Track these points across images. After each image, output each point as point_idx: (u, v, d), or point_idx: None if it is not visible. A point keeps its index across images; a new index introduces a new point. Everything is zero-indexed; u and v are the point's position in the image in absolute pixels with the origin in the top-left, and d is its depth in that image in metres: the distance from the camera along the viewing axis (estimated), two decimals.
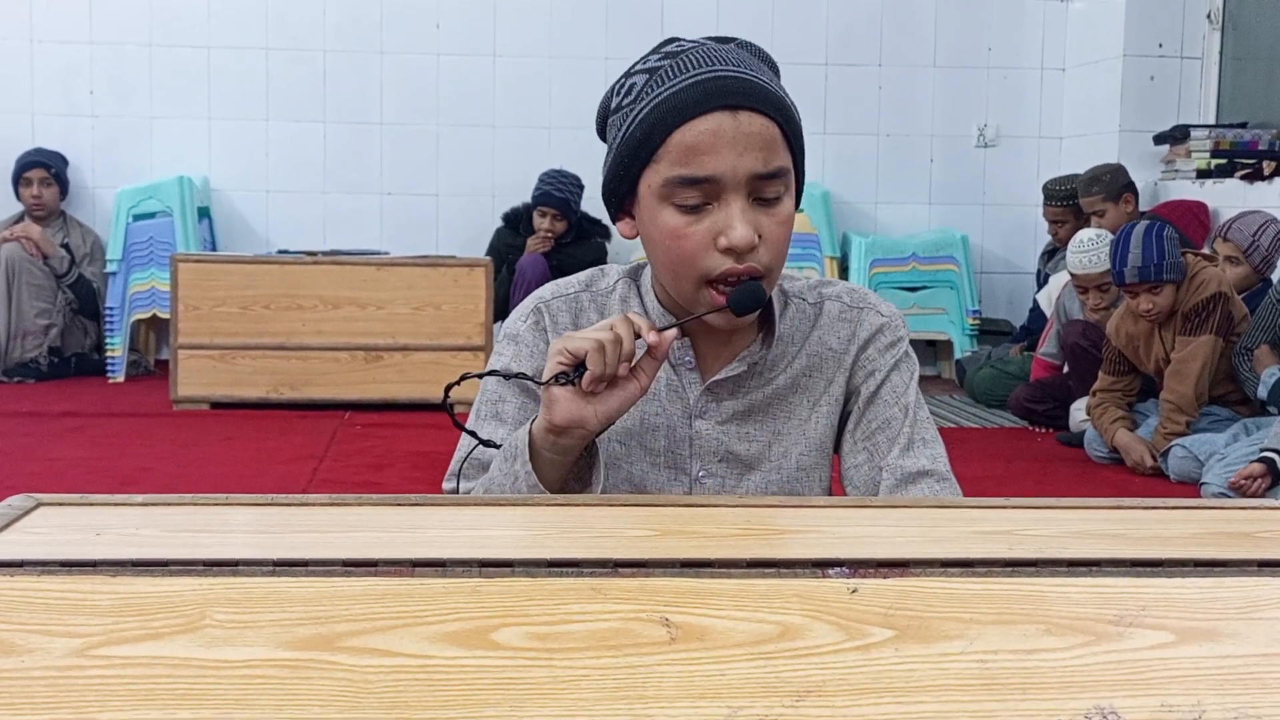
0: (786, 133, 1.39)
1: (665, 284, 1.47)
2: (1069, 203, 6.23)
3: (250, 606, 0.83)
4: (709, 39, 1.44)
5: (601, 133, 1.50)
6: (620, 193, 1.45)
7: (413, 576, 0.86)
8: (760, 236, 1.37)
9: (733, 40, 1.45)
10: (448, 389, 1.42)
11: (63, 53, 6.90)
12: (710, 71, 1.36)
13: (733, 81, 1.36)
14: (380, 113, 7.08)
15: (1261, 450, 4.13)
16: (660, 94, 1.37)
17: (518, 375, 1.45)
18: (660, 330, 1.37)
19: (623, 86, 1.43)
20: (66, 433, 5.08)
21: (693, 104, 1.35)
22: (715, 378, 1.50)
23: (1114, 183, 6.01)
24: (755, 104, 1.36)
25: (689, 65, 1.37)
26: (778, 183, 1.38)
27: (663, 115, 1.36)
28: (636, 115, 1.39)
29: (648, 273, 1.54)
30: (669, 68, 1.38)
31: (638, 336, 1.35)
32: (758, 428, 1.52)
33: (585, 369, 1.33)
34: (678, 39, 1.45)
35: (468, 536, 0.99)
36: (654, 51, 1.44)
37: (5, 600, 0.83)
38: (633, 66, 1.44)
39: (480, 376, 1.48)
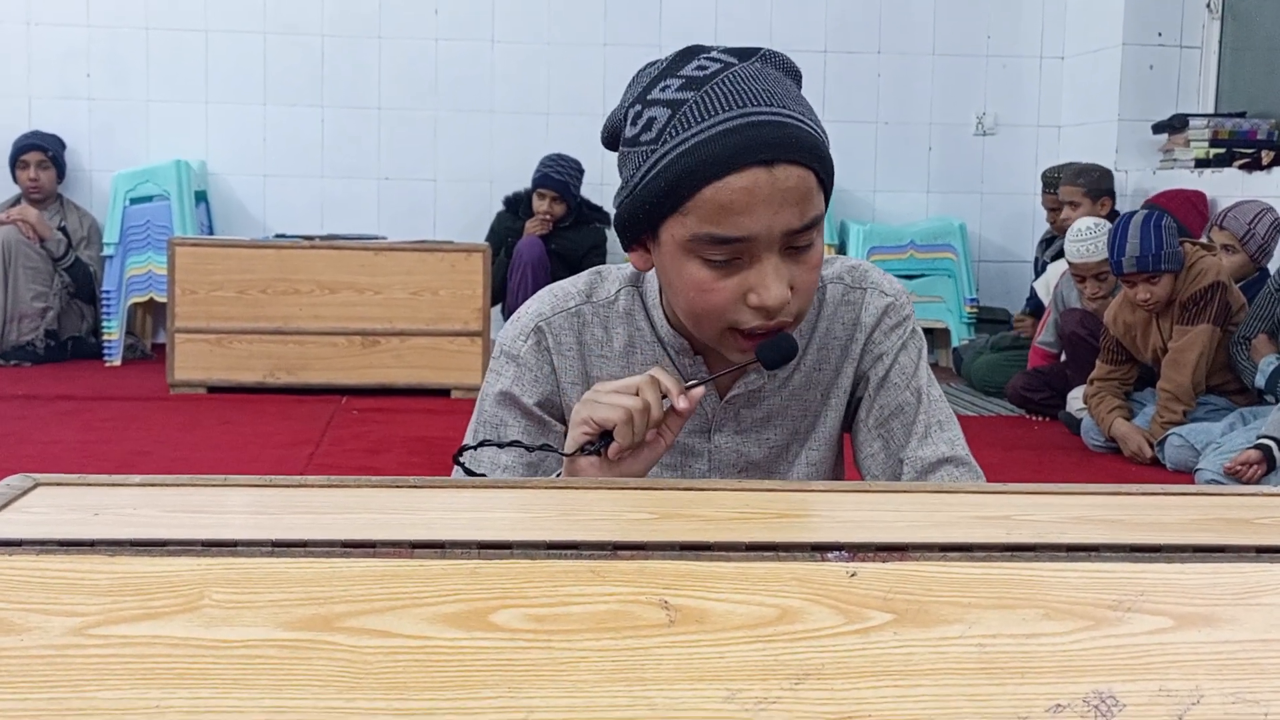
0: (821, 175, 1.29)
1: (684, 323, 1.40)
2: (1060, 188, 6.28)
3: (249, 587, 0.83)
4: (732, 54, 1.31)
5: (608, 146, 1.40)
6: (637, 231, 1.35)
7: (411, 558, 0.86)
8: (792, 289, 1.30)
9: (756, 53, 1.31)
10: (460, 451, 1.39)
11: (60, 36, 6.89)
12: (742, 115, 1.24)
13: (768, 130, 1.24)
14: (378, 97, 7.07)
15: (1259, 437, 4.14)
16: (688, 139, 1.25)
17: (541, 448, 1.39)
18: (687, 389, 1.31)
19: (640, 116, 1.30)
20: (63, 416, 5.08)
21: (725, 159, 1.23)
22: (734, 393, 1.47)
23: (1098, 183, 6.07)
24: (792, 155, 1.25)
25: (717, 104, 1.25)
26: (811, 232, 1.30)
27: (691, 168, 1.25)
28: (660, 160, 1.27)
29: (652, 284, 1.46)
30: (694, 105, 1.26)
31: (663, 396, 1.30)
32: (776, 432, 1.50)
33: (610, 437, 1.28)
34: (698, 54, 1.32)
35: (467, 518, 0.99)
36: (672, 73, 1.30)
37: (3, 579, 0.82)
38: (649, 88, 1.31)
39: (501, 446, 1.41)
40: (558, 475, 1.36)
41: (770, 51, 1.33)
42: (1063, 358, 5.59)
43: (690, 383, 1.34)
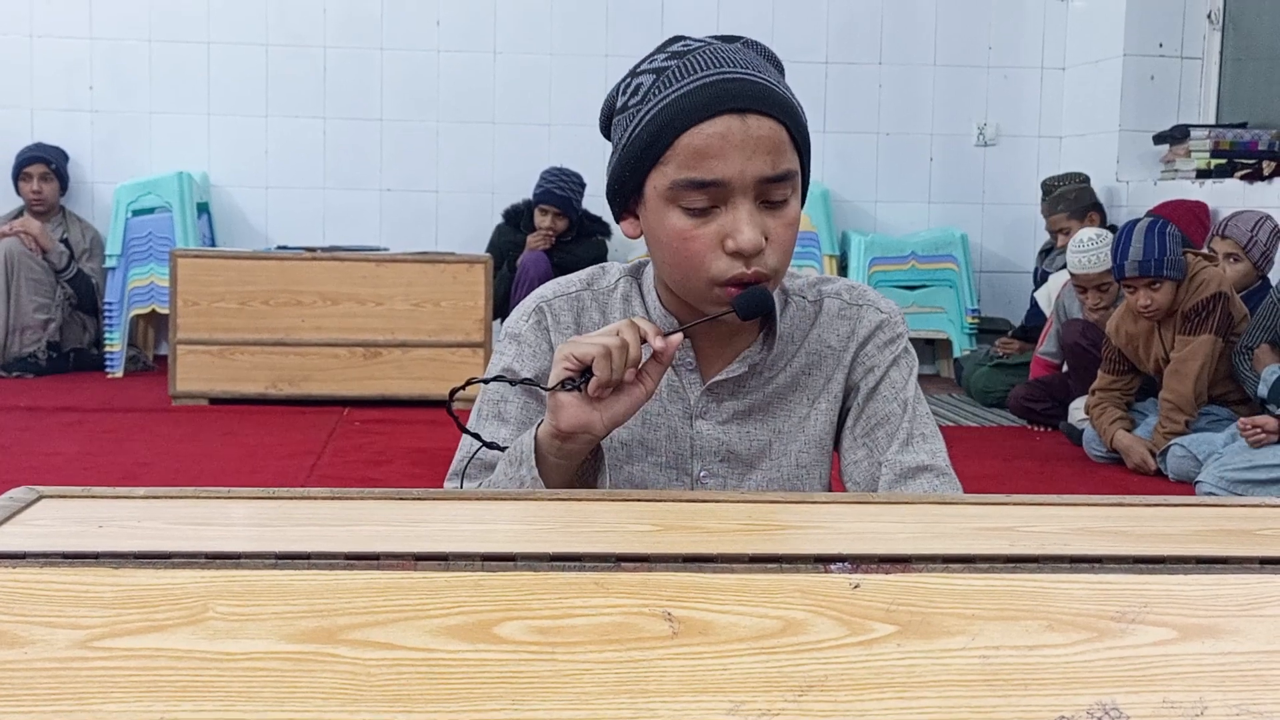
0: (794, 135, 1.38)
1: (670, 285, 1.46)
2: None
3: (252, 599, 0.83)
4: (715, 38, 1.43)
5: (605, 131, 1.49)
6: (625, 193, 1.43)
7: (415, 570, 0.86)
8: (767, 239, 1.37)
9: (739, 39, 1.43)
10: (452, 392, 1.42)
11: (63, 48, 6.90)
12: (718, 73, 1.35)
13: (741, 84, 1.35)
14: (380, 109, 7.08)
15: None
16: (668, 96, 1.36)
17: (524, 381, 1.45)
18: (666, 335, 1.36)
19: (629, 86, 1.42)
20: (65, 428, 5.08)
21: (701, 107, 1.34)
22: (716, 378, 1.50)
23: (1079, 202, 6.11)
24: (764, 107, 1.35)
25: (696, 66, 1.36)
26: (785, 185, 1.37)
27: (670, 117, 1.35)
28: (643, 116, 1.37)
29: (649, 272, 1.53)
30: (676, 68, 1.37)
31: (644, 341, 1.35)
32: (758, 426, 1.52)
33: (591, 374, 1.32)
34: (684, 38, 1.44)
35: (470, 530, 0.99)
36: (660, 51, 1.42)
37: (8, 592, 0.83)
38: (638, 65, 1.43)
39: (486, 382, 1.47)
40: (542, 423, 1.39)
41: (752, 40, 1.45)
42: (1064, 368, 5.59)
43: (669, 331, 1.40)
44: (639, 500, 1.12)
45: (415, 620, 0.82)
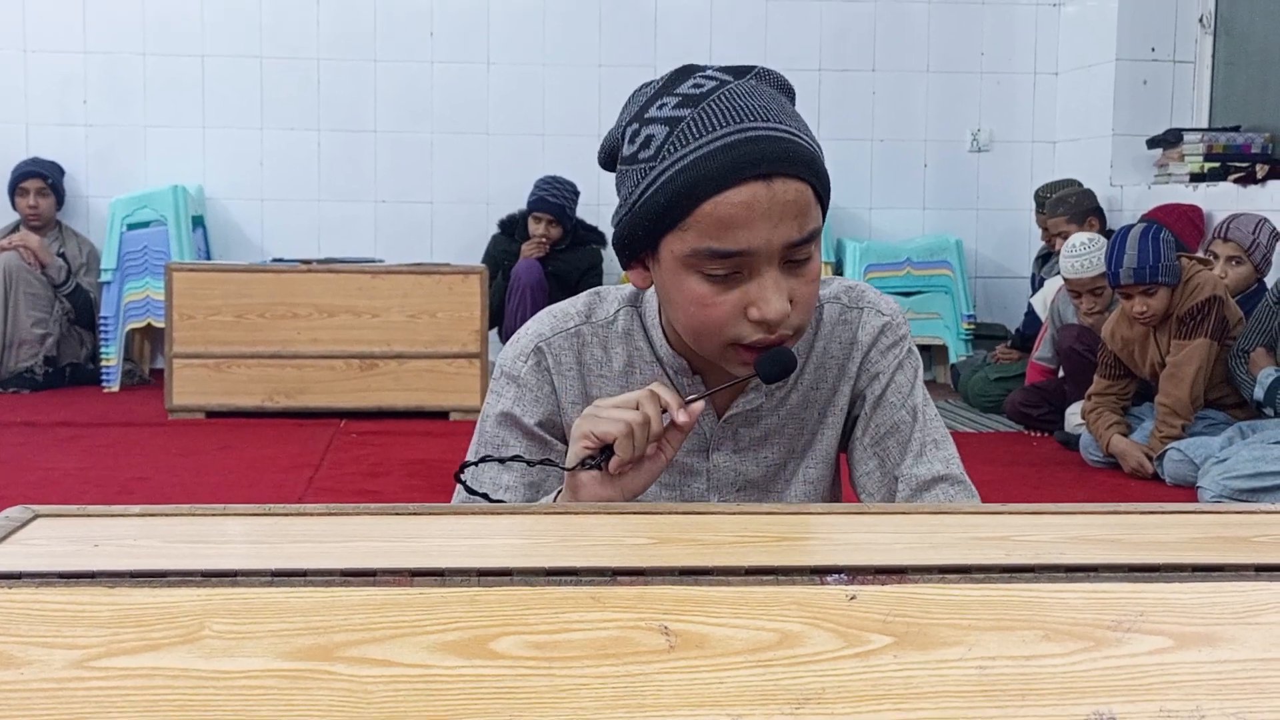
0: (817, 189, 1.31)
1: (685, 340, 1.40)
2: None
3: (249, 617, 0.83)
4: (727, 72, 1.33)
5: (604, 165, 1.41)
6: (636, 248, 1.35)
7: (411, 586, 0.86)
8: (791, 302, 1.31)
9: (750, 71, 1.33)
10: (462, 467, 1.39)
11: (57, 62, 6.90)
12: (739, 131, 1.26)
13: (766, 144, 1.26)
14: (374, 121, 7.09)
15: None
16: (685, 156, 1.27)
17: (542, 462, 1.40)
18: (687, 403, 1.31)
19: (637, 134, 1.32)
20: (62, 442, 5.08)
21: (724, 173, 1.25)
22: (732, 412, 1.47)
23: (1079, 206, 6.11)
24: (790, 169, 1.27)
25: (715, 120, 1.27)
26: (809, 245, 1.31)
27: (691, 184, 1.26)
28: (659, 176, 1.28)
29: (651, 304, 1.47)
30: (692, 121, 1.28)
31: (663, 410, 1.30)
32: (773, 450, 1.50)
33: (610, 451, 1.29)
34: (694, 71, 1.34)
35: (466, 546, 0.99)
36: (669, 90, 1.32)
37: (3, 612, 0.82)
38: (646, 107, 1.32)
39: (501, 461, 1.42)
40: (559, 492, 1.36)
41: (764, 69, 1.35)
42: (1060, 373, 5.59)
43: (690, 397, 1.35)
44: (635, 513, 1.12)
45: (412, 636, 0.82)
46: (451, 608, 0.84)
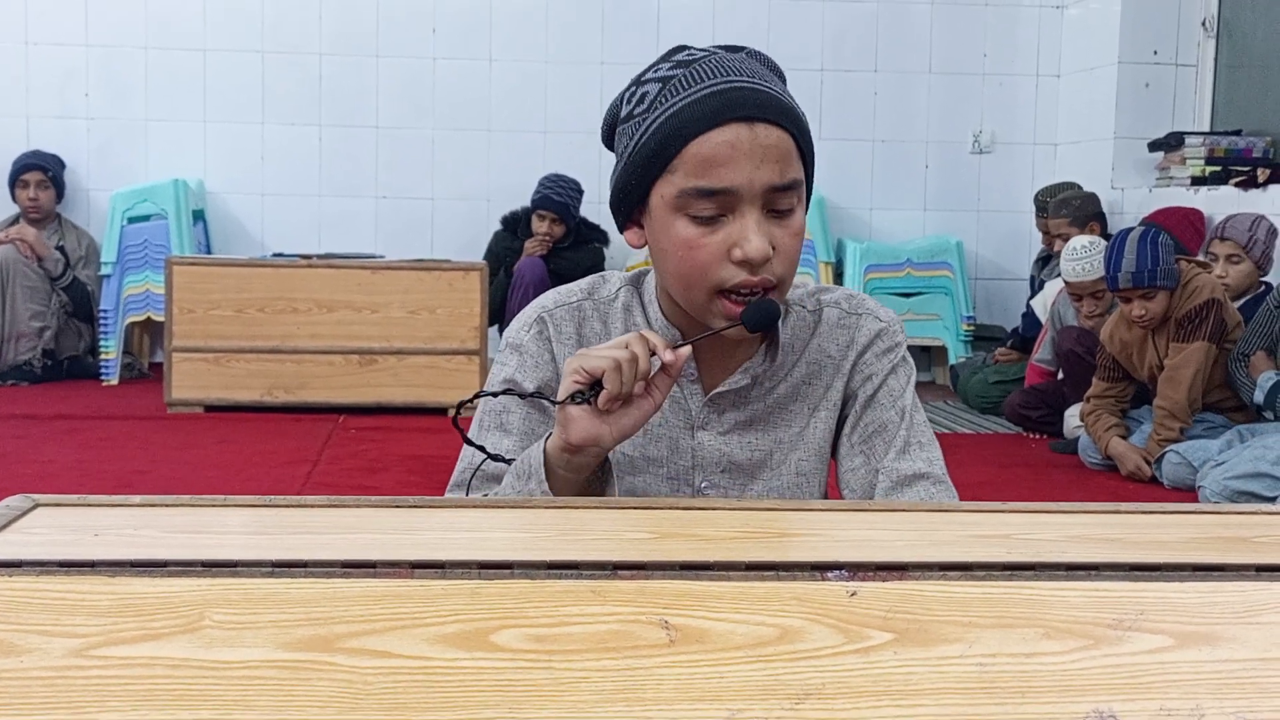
0: (800, 144, 1.39)
1: (675, 295, 1.46)
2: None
3: (249, 607, 0.83)
4: (719, 48, 1.43)
5: (607, 141, 1.48)
6: (630, 202, 1.43)
7: (412, 578, 0.86)
8: (774, 248, 1.36)
9: (742, 49, 1.44)
10: (460, 405, 1.41)
11: (58, 55, 6.90)
12: (726, 82, 1.35)
13: (750, 92, 1.35)
14: (376, 116, 7.08)
15: None
16: (675, 104, 1.36)
17: (534, 394, 1.45)
18: (675, 348, 1.36)
19: (633, 95, 1.41)
20: (60, 435, 5.08)
21: (709, 115, 1.34)
22: (718, 390, 1.50)
23: (1083, 210, 6.11)
24: (772, 116, 1.35)
25: (703, 75, 1.36)
26: (791, 194, 1.37)
27: (678, 126, 1.35)
28: (650, 125, 1.37)
29: (650, 282, 1.53)
30: (682, 77, 1.37)
31: (653, 354, 1.34)
32: (760, 437, 1.52)
33: (601, 387, 1.32)
34: (687, 47, 1.43)
35: (466, 538, 0.99)
36: (664, 60, 1.42)
37: (4, 600, 0.82)
38: (642, 74, 1.42)
39: (494, 394, 1.47)
40: (550, 435, 1.38)
41: (755, 50, 1.45)
42: (1059, 375, 5.60)
43: (678, 344, 1.39)
44: (636, 508, 1.12)
45: (412, 629, 0.82)
46: (452, 600, 0.84)
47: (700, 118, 1.34)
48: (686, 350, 1.37)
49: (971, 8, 7.29)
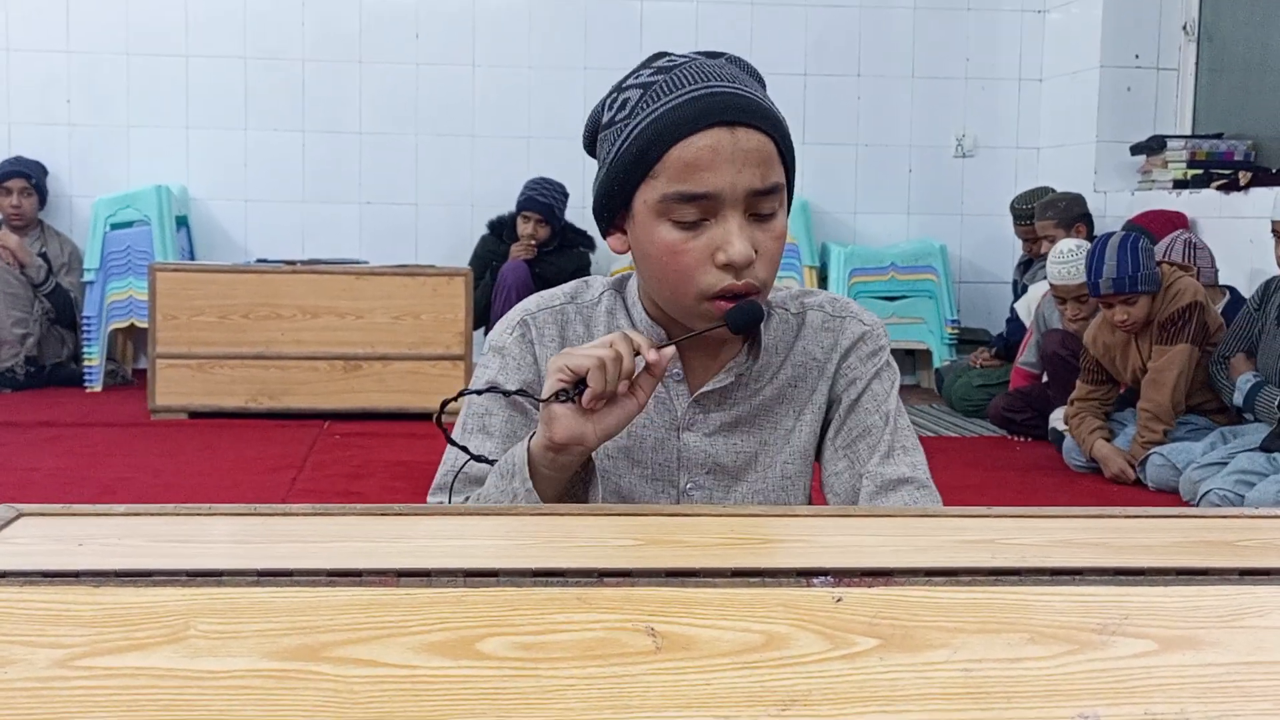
0: (781, 149, 1.39)
1: (659, 299, 1.46)
2: (1033, 221, 6.35)
3: (234, 617, 0.83)
4: (699, 54, 1.44)
5: (589, 147, 1.49)
6: (613, 208, 1.43)
7: (398, 586, 0.86)
8: (756, 252, 1.37)
9: (722, 55, 1.44)
10: (443, 404, 1.41)
11: (40, 62, 6.88)
12: (706, 87, 1.36)
13: (730, 97, 1.36)
14: (359, 122, 7.07)
15: None
16: (657, 109, 1.36)
17: (517, 393, 1.45)
18: (659, 348, 1.36)
19: (615, 101, 1.42)
20: (43, 442, 5.06)
21: (691, 120, 1.34)
22: (703, 389, 1.50)
23: (1068, 211, 6.13)
24: (753, 120, 1.36)
25: (684, 80, 1.37)
26: (773, 198, 1.38)
27: (660, 131, 1.35)
28: (632, 130, 1.38)
29: (633, 286, 1.53)
30: (663, 83, 1.38)
31: (637, 353, 1.35)
32: (744, 439, 1.52)
33: (585, 386, 1.32)
34: (668, 53, 1.44)
35: (452, 546, 0.99)
36: (645, 66, 1.43)
37: None
38: (624, 81, 1.43)
39: (478, 393, 1.47)
40: (534, 434, 1.38)
41: (735, 56, 1.46)
42: (1044, 378, 5.61)
43: (662, 343, 1.39)
44: (621, 515, 1.12)
45: (398, 637, 0.82)
46: (438, 608, 0.84)
47: (682, 122, 1.34)
48: (671, 350, 1.37)
49: (953, 12, 7.31)
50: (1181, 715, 0.81)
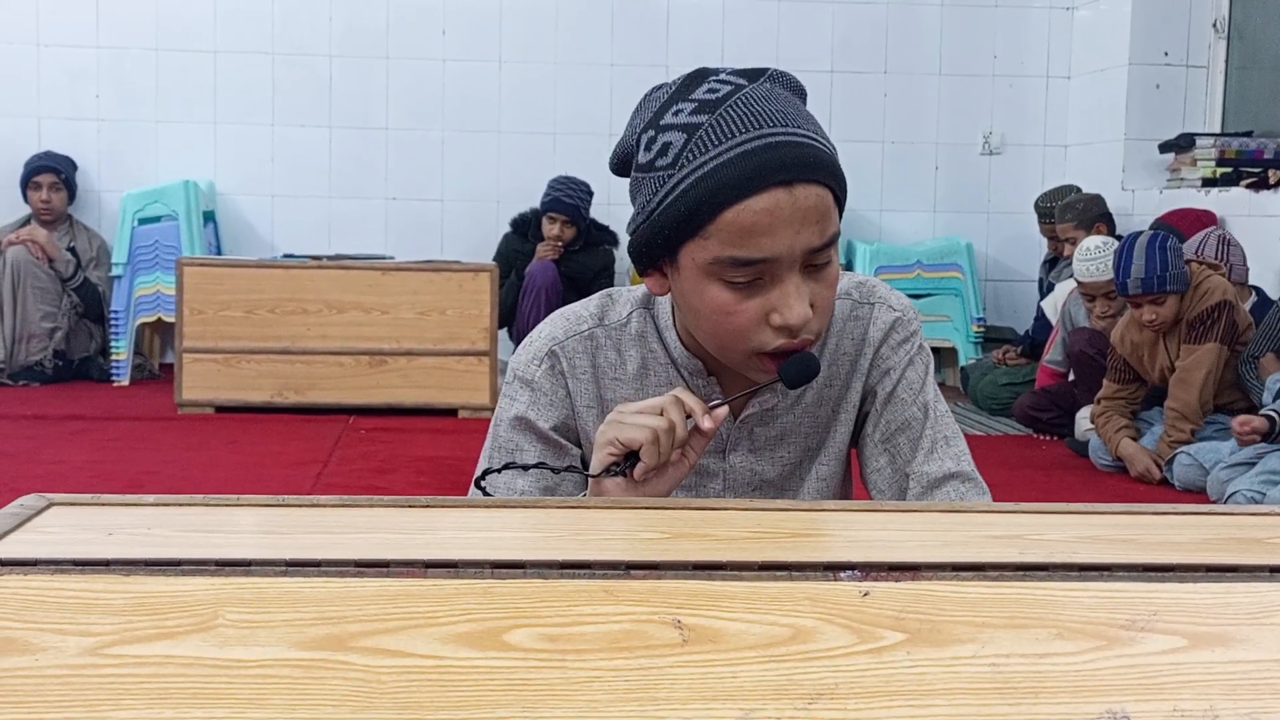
0: (836, 193, 1.31)
1: (707, 348, 1.40)
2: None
3: (263, 606, 0.83)
4: (741, 76, 1.31)
5: (617, 171, 1.40)
6: (655, 256, 1.34)
7: (425, 577, 0.86)
8: (812, 305, 1.31)
9: (764, 74, 1.32)
10: (481, 476, 1.39)
11: (70, 57, 6.92)
12: (760, 136, 1.25)
13: (786, 150, 1.25)
14: (385, 118, 7.09)
15: (1268, 409, 4.21)
16: (705, 164, 1.25)
17: (568, 469, 1.41)
18: (711, 408, 1.32)
19: (654, 141, 1.30)
20: (71, 436, 5.09)
21: (745, 181, 1.24)
22: (748, 413, 1.47)
23: (1087, 212, 6.10)
24: (811, 175, 1.27)
25: (734, 127, 1.26)
26: (829, 249, 1.31)
27: (712, 191, 1.25)
28: (678, 185, 1.27)
29: (664, 305, 1.46)
30: (710, 128, 1.26)
31: (687, 416, 1.30)
32: (789, 450, 1.50)
33: (636, 458, 1.29)
34: (708, 75, 1.32)
35: (480, 538, 0.99)
36: (684, 96, 1.30)
37: (18, 599, 0.83)
38: (661, 113, 1.31)
39: (526, 469, 1.42)
40: (583, 496, 1.36)
41: (777, 71, 1.34)
42: (1070, 377, 5.58)
43: (713, 403, 1.35)
44: (649, 508, 1.12)
45: (425, 628, 0.82)
46: (465, 599, 0.84)
47: (735, 184, 1.24)
48: (723, 412, 1.33)
49: (981, 9, 7.29)
50: (1210, 712, 0.80)
